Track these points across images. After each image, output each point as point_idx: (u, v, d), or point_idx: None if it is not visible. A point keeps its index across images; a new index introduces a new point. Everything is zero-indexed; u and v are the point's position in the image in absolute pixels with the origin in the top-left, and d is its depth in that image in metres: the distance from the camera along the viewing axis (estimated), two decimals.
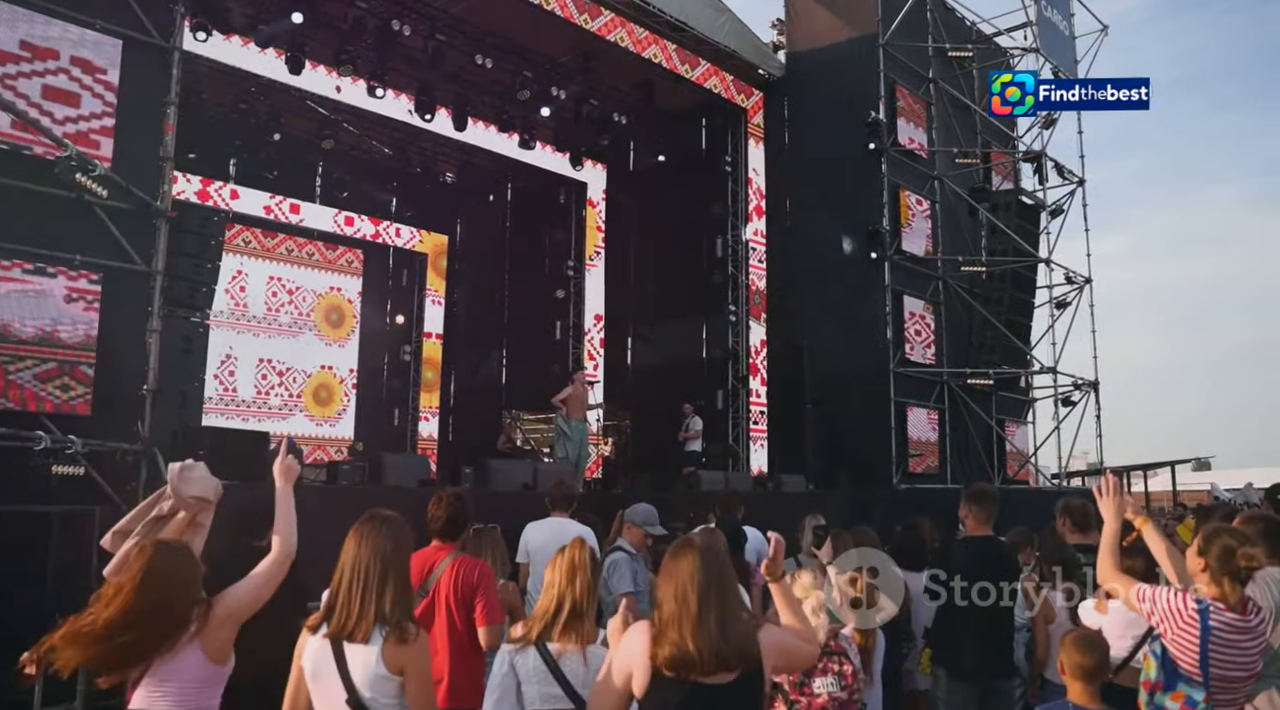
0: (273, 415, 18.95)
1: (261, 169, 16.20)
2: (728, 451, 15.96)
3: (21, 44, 7.27)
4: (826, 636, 3.93)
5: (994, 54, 17.69)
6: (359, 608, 2.79)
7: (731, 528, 6.01)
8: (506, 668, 3.32)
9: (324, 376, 19.69)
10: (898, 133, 15.53)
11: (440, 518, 4.24)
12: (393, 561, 2.86)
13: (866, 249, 15.05)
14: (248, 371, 18.47)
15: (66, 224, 7.29)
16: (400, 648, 2.76)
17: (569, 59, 15.42)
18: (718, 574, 2.64)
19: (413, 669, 2.77)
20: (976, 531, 5.06)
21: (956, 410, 15.93)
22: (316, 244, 19.00)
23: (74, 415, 7.23)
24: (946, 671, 4.87)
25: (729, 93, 16.35)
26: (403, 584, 2.88)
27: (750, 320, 16.37)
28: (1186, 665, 3.15)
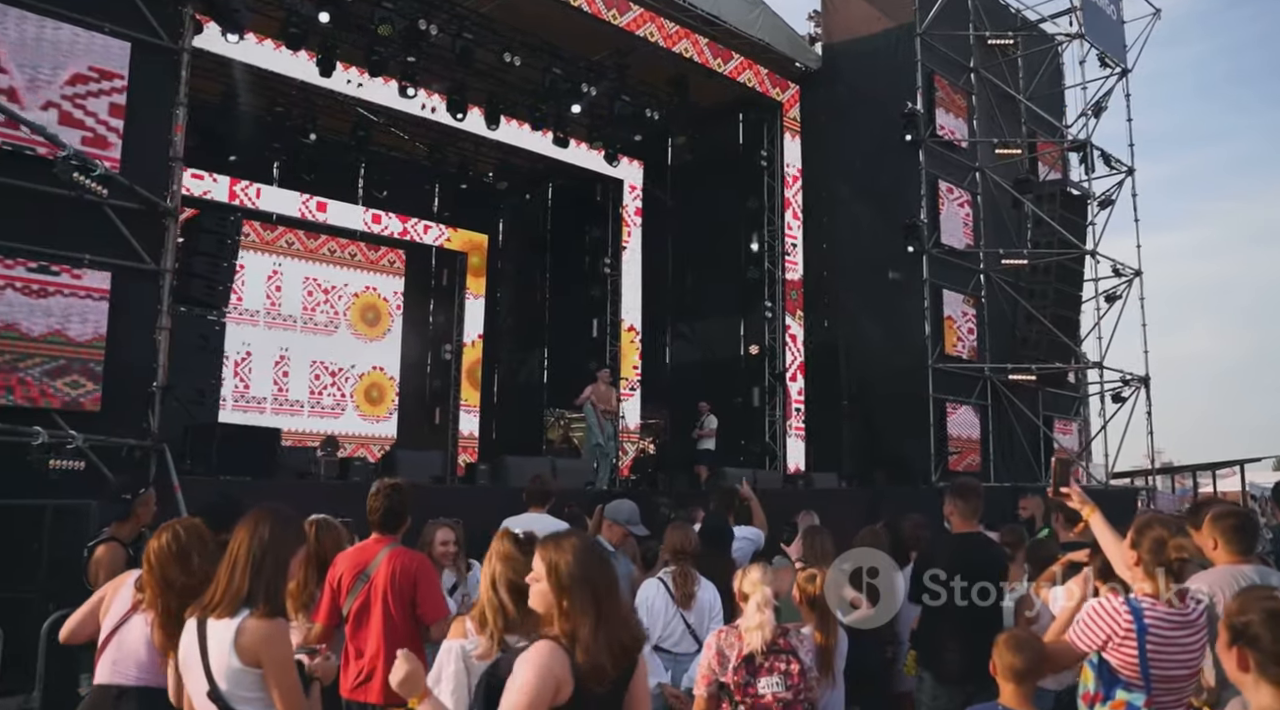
0: (326, 414, 19.27)
1: (300, 171, 16.43)
2: (764, 449, 15.82)
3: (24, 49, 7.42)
4: (773, 634, 3.80)
5: (1038, 40, 17.20)
6: (224, 586, 2.76)
7: (715, 525, 5.88)
8: (460, 664, 3.24)
9: (376, 376, 19.95)
10: (936, 124, 15.20)
11: (378, 509, 4.18)
12: (269, 549, 2.81)
13: (904, 242, 14.76)
14: (301, 371, 18.80)
15: (77, 224, 7.45)
16: (256, 631, 2.70)
17: (600, 56, 15.37)
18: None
19: (270, 660, 2.71)
20: (962, 528, 4.87)
21: (1000, 407, 15.54)
22: (359, 244, 19.24)
23: (83, 412, 7.37)
24: (932, 675, 4.68)
25: (764, 87, 16.16)
26: (276, 572, 2.82)
27: (786, 316, 16.16)
28: (1125, 670, 2.96)
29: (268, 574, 2.80)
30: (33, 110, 7.46)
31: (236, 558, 2.79)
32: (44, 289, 7.33)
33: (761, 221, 16.41)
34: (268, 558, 2.81)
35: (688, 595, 4.68)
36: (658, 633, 4.62)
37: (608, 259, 18.44)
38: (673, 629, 4.65)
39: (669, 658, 4.59)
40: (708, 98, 16.45)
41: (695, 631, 4.63)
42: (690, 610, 4.67)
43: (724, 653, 3.85)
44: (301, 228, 18.24)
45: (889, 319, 15.16)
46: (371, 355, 19.66)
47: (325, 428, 18.82)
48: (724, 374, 16.59)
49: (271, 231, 17.93)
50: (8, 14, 7.41)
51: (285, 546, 2.87)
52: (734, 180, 16.80)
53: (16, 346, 7.22)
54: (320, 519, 4.34)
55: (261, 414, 18.32)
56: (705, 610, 4.67)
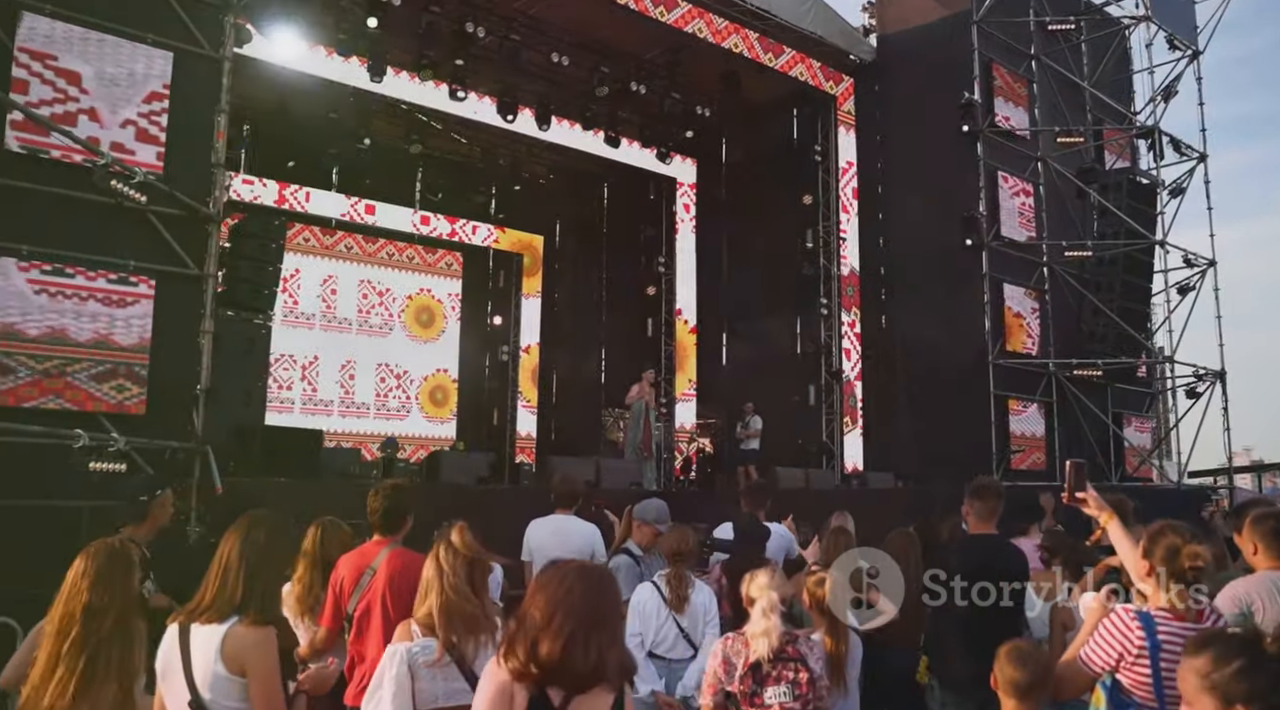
0: (392, 417, 19.56)
1: (353, 175, 16.66)
2: (821, 448, 15.57)
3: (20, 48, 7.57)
4: (781, 641, 3.66)
5: (1102, 24, 16.62)
6: (214, 591, 2.72)
7: (748, 524, 5.75)
8: (402, 668, 3.18)
9: (440, 379, 20.18)
10: (995, 114, 14.79)
11: (378, 510, 4.12)
12: (263, 555, 2.77)
13: (962, 236, 14.39)
14: (367, 374, 19.12)
15: (122, 231, 7.60)
16: (244, 638, 2.65)
17: (652, 54, 15.30)
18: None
19: (254, 667, 2.66)
20: (979, 529, 4.65)
21: (1066, 404, 15.04)
22: (416, 247, 19.46)
23: (129, 415, 7.52)
24: (941, 683, 4.48)
25: (816, 80, 15.91)
26: (270, 578, 2.78)
27: (842, 312, 15.88)
28: (1138, 690, 2.75)
29: (262, 580, 2.76)
30: (113, 128, 7.74)
31: (228, 562, 2.75)
32: (91, 296, 7.49)
33: (816, 217, 16.14)
34: (263, 563, 2.77)
35: (681, 598, 4.55)
36: (650, 637, 4.50)
37: (662, 258, 18.36)
38: (665, 633, 4.52)
39: (662, 664, 4.48)
40: (760, 93, 16.25)
41: (689, 636, 4.50)
42: (684, 614, 4.54)
43: (730, 660, 3.73)
44: (360, 232, 18.52)
45: (947, 314, 14.79)
46: (426, 357, 19.88)
47: (390, 430, 19.11)
48: (780, 372, 16.37)
49: (331, 236, 18.23)
50: (88, 39, 7.68)
51: (280, 552, 2.83)
52: (788, 176, 16.57)
53: (65, 352, 7.39)
54: (326, 520, 4.32)
55: (328, 417, 18.69)
56: (699, 614, 4.53)
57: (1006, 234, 14.63)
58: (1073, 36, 16.07)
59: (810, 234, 16.17)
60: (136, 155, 7.76)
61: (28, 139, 7.32)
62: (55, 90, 7.63)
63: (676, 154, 17.70)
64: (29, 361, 7.21)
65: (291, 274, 17.25)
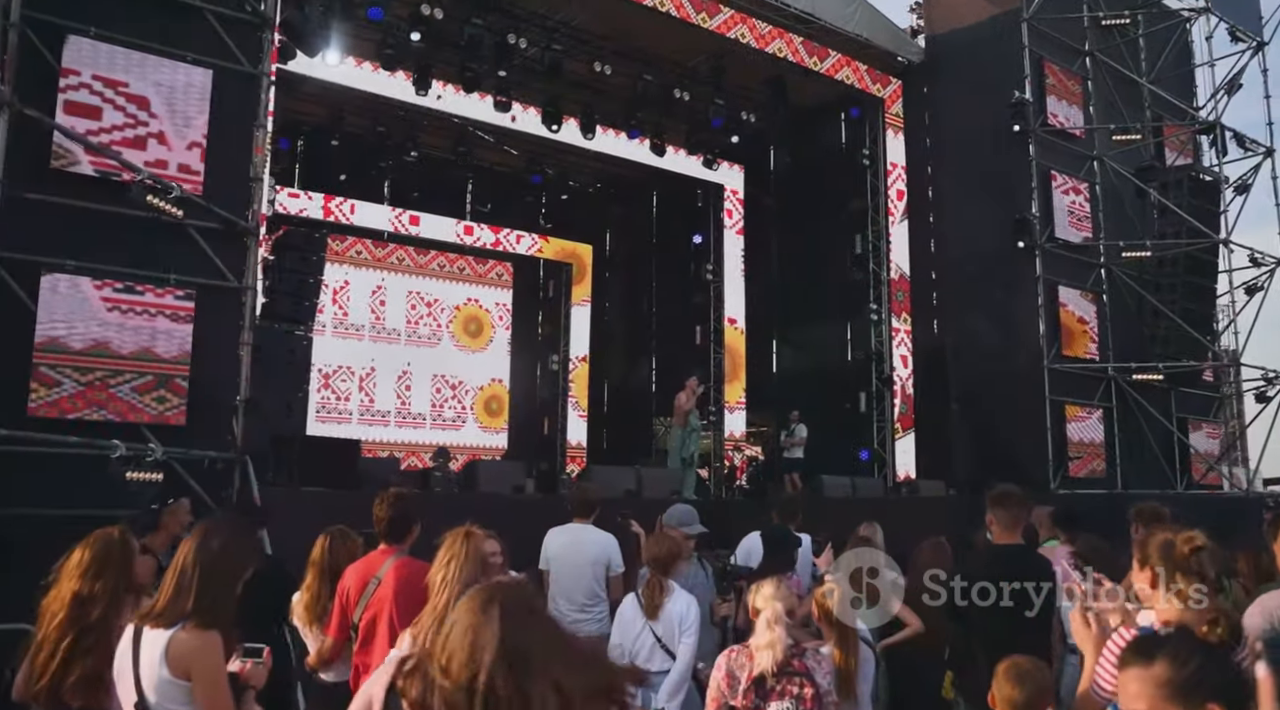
0: (447, 427, 19.75)
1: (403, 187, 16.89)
2: (873, 456, 15.33)
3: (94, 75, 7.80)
4: (785, 654, 3.56)
5: (1160, 18, 16.14)
6: (168, 595, 2.74)
7: (776, 532, 5.64)
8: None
9: (496, 389, 20.33)
10: (1047, 113, 14.45)
11: (383, 519, 4.11)
12: (219, 562, 2.77)
13: (1014, 238, 14.07)
14: (423, 385, 19.33)
15: (164, 245, 7.76)
16: (187, 643, 2.66)
17: (695, 61, 15.25)
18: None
19: (198, 672, 2.67)
20: (1004, 539, 4.48)
21: (1127, 409, 14.59)
22: (466, 258, 19.64)
23: (169, 426, 7.66)
24: (966, 700, 4.31)
25: (864, 83, 15.70)
26: (223, 586, 2.78)
27: (893, 318, 15.62)
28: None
29: (214, 587, 2.76)
30: (179, 150, 7.98)
31: (182, 568, 2.77)
32: (133, 308, 7.66)
33: (865, 222, 15.94)
34: (216, 570, 2.77)
35: (654, 606, 4.45)
36: (628, 647, 4.42)
37: (709, 265, 18.27)
38: (641, 643, 4.42)
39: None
40: (806, 97, 16.11)
41: (666, 645, 4.40)
42: (658, 621, 4.44)
43: (734, 674, 3.64)
44: (412, 245, 18.74)
45: (1001, 318, 14.47)
46: (481, 367, 20.03)
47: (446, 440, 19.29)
48: (831, 379, 16.20)
49: (383, 248, 18.49)
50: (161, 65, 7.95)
51: (235, 560, 2.84)
52: (836, 180, 16.40)
53: (108, 364, 7.56)
54: (335, 529, 4.33)
55: (385, 428, 18.94)
56: (674, 622, 4.41)
57: (1061, 235, 14.27)
58: (1129, 31, 15.64)
59: (859, 239, 15.98)
60: (200, 175, 8.02)
61: (101, 163, 7.55)
62: (126, 116, 7.89)
63: (723, 161, 17.59)
64: (73, 374, 7.38)
65: (341, 285, 17.54)
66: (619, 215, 20.63)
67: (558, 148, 16.86)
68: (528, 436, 19.80)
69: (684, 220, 19.04)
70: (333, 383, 18.24)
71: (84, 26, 7.58)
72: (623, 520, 6.23)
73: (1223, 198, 15.21)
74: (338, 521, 4.68)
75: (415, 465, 17.08)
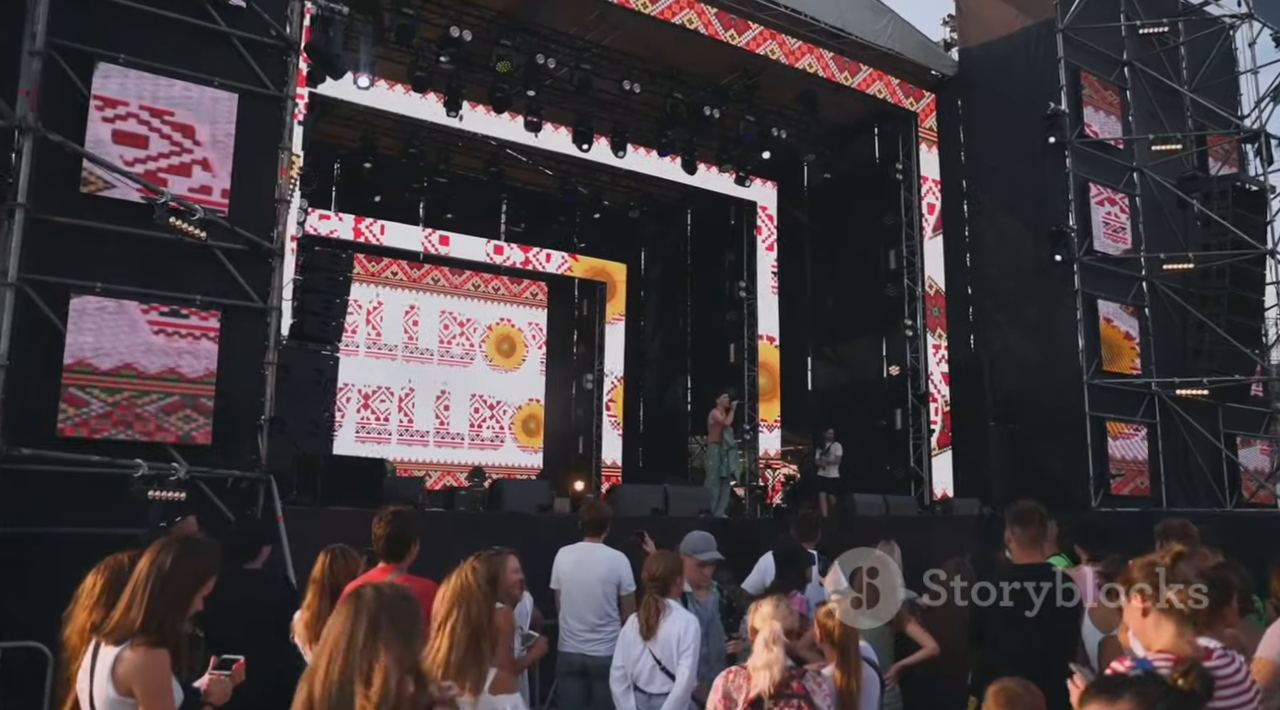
0: (485, 447, 19.81)
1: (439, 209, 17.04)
2: (909, 474, 15.10)
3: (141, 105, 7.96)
4: (783, 675, 3.46)
5: (1200, 26, 15.84)
6: (121, 612, 2.74)
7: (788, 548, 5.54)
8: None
9: (533, 409, 20.38)
10: (1084, 123, 14.22)
11: (380, 537, 4.08)
12: (170, 579, 2.76)
13: (1051, 250, 13.84)
14: (461, 405, 19.42)
15: (190, 267, 7.86)
16: (132, 661, 2.65)
17: (728, 80, 15.25)
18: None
19: (142, 690, 2.65)
20: (1024, 558, 4.34)
21: (1172, 425, 14.24)
22: (501, 278, 19.74)
23: (195, 445, 7.73)
24: None
25: (896, 97, 15.57)
26: (171, 603, 2.78)
27: (928, 334, 15.41)
28: None
29: (162, 604, 2.75)
30: (221, 175, 8.15)
31: (135, 585, 2.76)
32: (160, 329, 7.76)
33: (899, 236, 15.77)
34: (167, 587, 2.77)
35: (650, 626, 4.36)
36: (630, 669, 4.34)
37: (743, 283, 18.18)
38: (642, 665, 4.34)
39: (643, 697, 4.30)
40: (838, 112, 16.03)
41: (665, 666, 4.31)
42: (655, 642, 4.35)
43: (731, 695, 3.55)
44: (447, 265, 18.88)
45: (1039, 333, 14.24)
46: (518, 387, 20.08)
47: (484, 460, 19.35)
48: (867, 396, 16.01)
49: (419, 269, 18.65)
50: (204, 93, 8.12)
51: (187, 576, 2.82)
52: (870, 195, 16.26)
53: (135, 384, 7.65)
54: (336, 547, 4.31)
55: (424, 448, 19.06)
56: (672, 643, 4.32)
57: (1099, 248, 14.01)
58: (1169, 39, 15.36)
59: (893, 254, 15.81)
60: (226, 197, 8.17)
61: (146, 191, 7.72)
62: (172, 144, 8.08)
63: (755, 177, 17.53)
64: (101, 394, 7.48)
65: (375, 306, 17.69)
66: (652, 233, 20.65)
67: (590, 167, 16.93)
68: (563, 456, 19.79)
69: (717, 238, 19.00)
70: (372, 403, 18.39)
71: (113, 54, 7.73)
72: (635, 538, 6.15)
73: (1269, 207, 14.82)
74: (361, 540, 4.66)
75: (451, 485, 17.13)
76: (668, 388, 20.08)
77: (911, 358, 15.45)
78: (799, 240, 17.90)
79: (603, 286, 20.46)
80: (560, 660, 5.60)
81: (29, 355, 7.14)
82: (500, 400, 19.95)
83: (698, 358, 19.35)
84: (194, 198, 7.88)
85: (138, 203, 7.56)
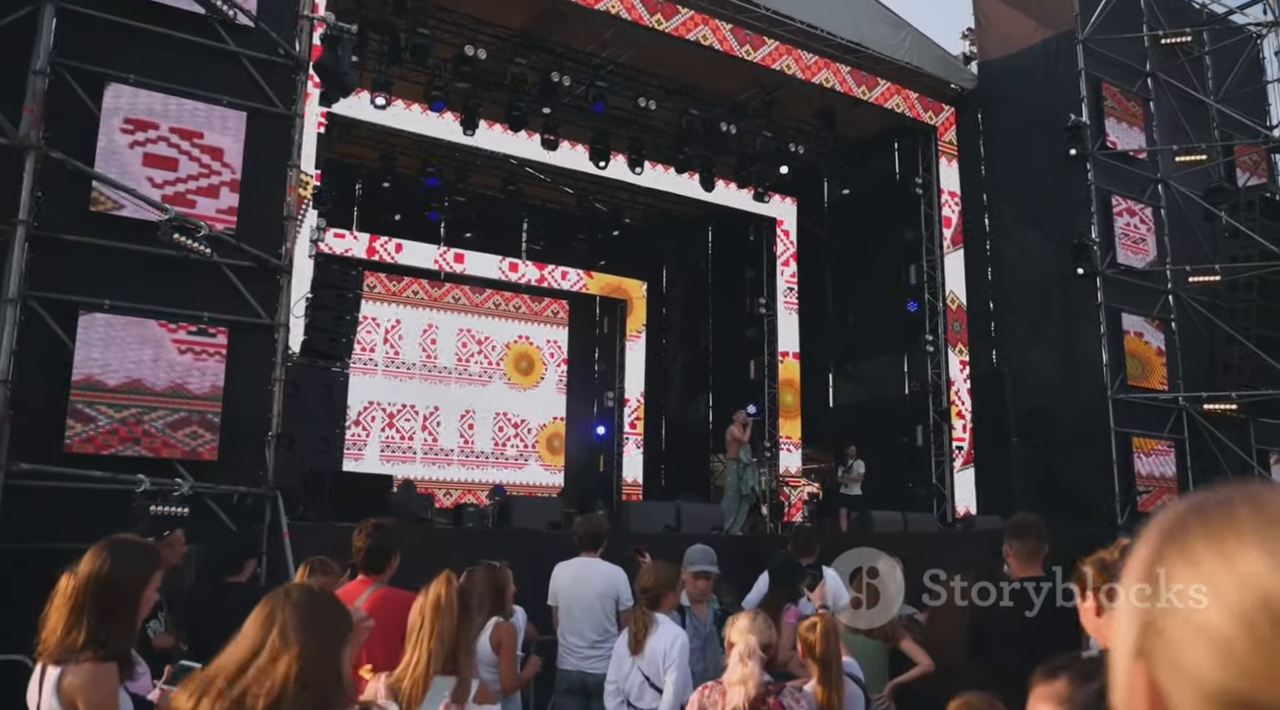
0: (509, 466, 19.80)
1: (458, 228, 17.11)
2: (931, 491, 14.89)
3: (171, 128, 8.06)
4: (760, 690, 3.37)
5: (1225, 35, 15.61)
6: (60, 632, 2.64)
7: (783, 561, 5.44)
8: None
9: (557, 427, 20.35)
10: (1105, 135, 14.04)
11: (360, 550, 4.03)
12: (106, 586, 2.65)
13: (1073, 264, 13.65)
14: (485, 424, 19.43)
15: (198, 284, 7.91)
16: (76, 676, 2.57)
17: (746, 96, 15.23)
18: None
19: (86, 705, 2.57)
20: (1023, 573, 4.22)
21: (1201, 441, 13.94)
22: (523, 297, 19.77)
23: (201, 461, 7.76)
24: None
25: (914, 111, 15.46)
26: (108, 611, 2.65)
27: (949, 349, 15.22)
28: None
29: (104, 614, 2.64)
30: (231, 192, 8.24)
31: (75, 599, 2.65)
32: (188, 348, 7.82)
33: (920, 251, 15.62)
34: (103, 595, 2.64)
35: (639, 641, 4.27)
36: (621, 685, 4.25)
37: (763, 299, 18.09)
38: (631, 681, 4.26)
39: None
40: (856, 127, 15.94)
41: (653, 681, 4.21)
42: (642, 657, 4.26)
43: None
44: (468, 284, 18.94)
45: (1061, 347, 14.03)
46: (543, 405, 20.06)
47: (509, 479, 19.35)
48: (889, 412, 15.85)
49: (439, 288, 18.72)
50: (217, 113, 8.20)
51: (124, 581, 2.69)
52: (889, 210, 16.15)
53: (143, 400, 7.70)
54: (315, 559, 4.28)
55: (449, 466, 19.08)
56: (658, 659, 4.23)
57: (1123, 261, 13.79)
58: (1193, 49, 15.16)
59: (914, 269, 15.66)
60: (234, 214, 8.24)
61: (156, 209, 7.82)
62: (201, 166, 8.19)
63: (775, 193, 17.46)
64: (108, 410, 7.53)
65: (393, 324, 17.77)
66: (673, 250, 20.62)
67: (609, 184, 16.93)
68: (584, 474, 19.74)
69: (737, 254, 18.94)
70: (397, 422, 18.45)
71: (123, 74, 7.82)
72: (637, 554, 6.08)
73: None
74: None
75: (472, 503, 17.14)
76: (690, 405, 19.99)
77: (933, 373, 15.26)
78: (819, 256, 17.80)
79: (622, 304, 20.44)
80: (559, 677, 5.53)
81: (38, 372, 7.20)
82: (524, 419, 19.94)
83: (720, 375, 19.26)
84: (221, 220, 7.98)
85: (147, 220, 7.64)
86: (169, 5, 7.97)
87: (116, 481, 6.56)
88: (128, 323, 7.68)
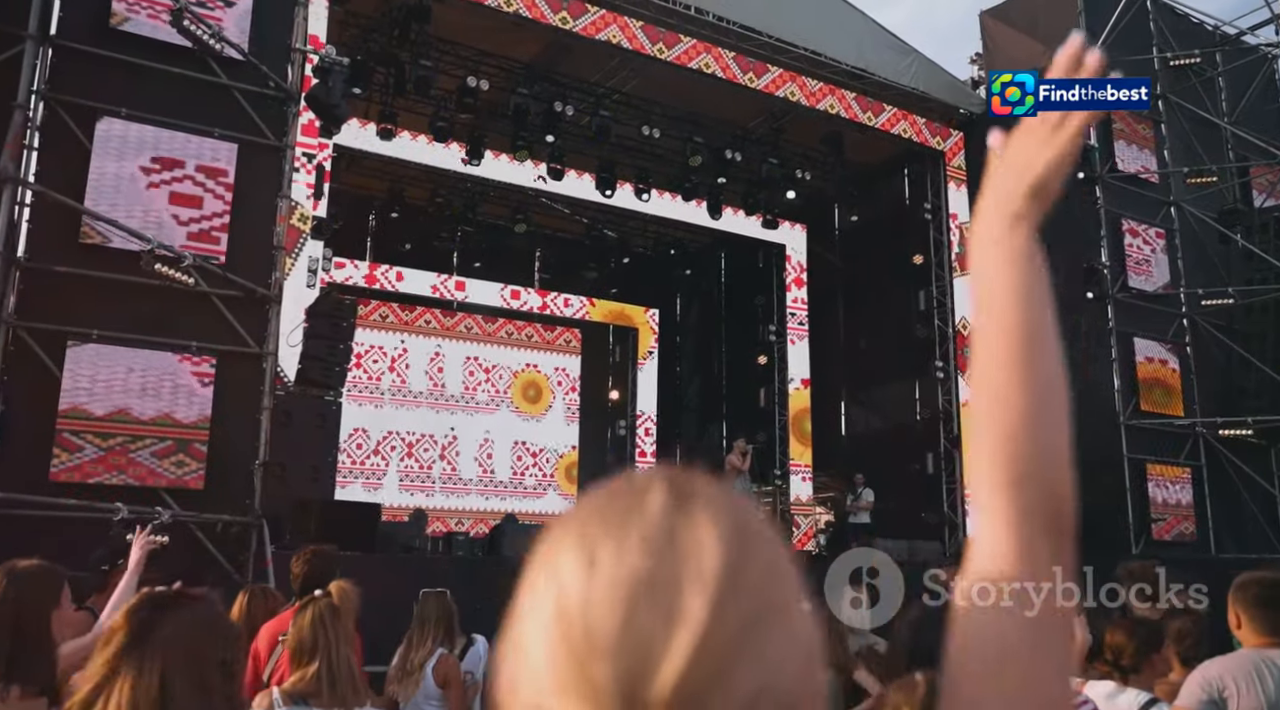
0: (529, 495, 19.74)
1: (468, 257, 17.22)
2: (943, 520, 14.66)
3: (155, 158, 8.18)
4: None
5: (1237, 56, 15.45)
6: None
7: None
8: None
9: (575, 457, 20.28)
10: (1116, 158, 13.89)
11: (298, 576, 4.02)
12: (13, 618, 2.61)
13: (1084, 288, 13.46)
14: (504, 453, 19.40)
15: (186, 314, 7.99)
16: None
17: (753, 121, 15.24)
18: None
19: None
20: None
21: (1219, 468, 13.64)
22: (535, 325, 19.80)
23: (188, 489, 7.79)
24: None
25: (922, 137, 15.38)
26: (25, 638, 2.59)
27: (960, 375, 15.03)
28: None
29: (18, 643, 2.57)
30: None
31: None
32: (156, 375, 7.88)
33: (929, 277, 15.48)
34: (19, 625, 2.57)
35: None
36: None
37: (772, 326, 18.00)
38: None
39: None
40: (864, 153, 15.87)
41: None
42: None
43: None
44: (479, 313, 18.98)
45: (1072, 372, 13.66)
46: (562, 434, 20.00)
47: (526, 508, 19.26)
48: (900, 440, 15.65)
49: (451, 317, 18.78)
50: (208, 144, 8.36)
51: (26, 606, 2.62)
52: (898, 235, 16.03)
53: (130, 429, 7.76)
54: (255, 587, 4.26)
55: (466, 495, 19.04)
56: None
57: (1135, 285, 13.60)
58: (1204, 70, 15.00)
59: (923, 295, 15.53)
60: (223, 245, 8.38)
61: (200, 248, 7.99)
62: (225, 203, 8.35)
63: (784, 220, 17.42)
64: (94, 439, 7.59)
65: (400, 353, 17.84)
66: (682, 278, 20.60)
67: (618, 213, 16.96)
68: None
69: (748, 281, 18.88)
70: (416, 452, 18.46)
71: (115, 108, 7.96)
72: None
73: None
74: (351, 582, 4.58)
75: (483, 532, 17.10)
76: (704, 432, 19.88)
77: (943, 399, 15.07)
78: (830, 282, 17.70)
79: (634, 332, 20.42)
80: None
81: (25, 402, 7.30)
82: (543, 448, 19.88)
83: (732, 402, 19.16)
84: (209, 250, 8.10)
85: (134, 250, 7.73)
86: (161, 40, 8.12)
87: (94, 510, 6.58)
88: (116, 352, 7.76)
